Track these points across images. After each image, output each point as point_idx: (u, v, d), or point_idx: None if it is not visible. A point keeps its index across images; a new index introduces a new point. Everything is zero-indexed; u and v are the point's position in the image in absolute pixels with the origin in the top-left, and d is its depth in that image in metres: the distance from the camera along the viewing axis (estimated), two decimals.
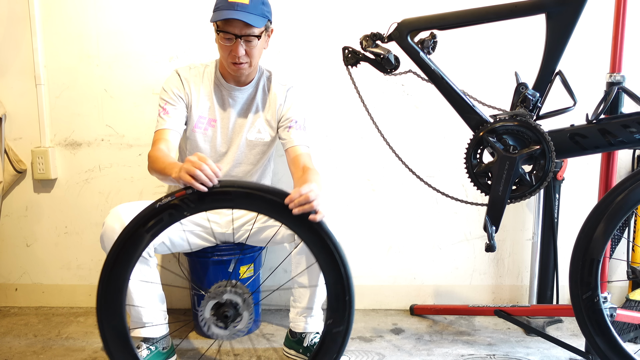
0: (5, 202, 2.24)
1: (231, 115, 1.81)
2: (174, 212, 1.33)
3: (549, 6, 1.45)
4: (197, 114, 1.79)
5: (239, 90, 1.80)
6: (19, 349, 1.90)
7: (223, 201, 1.37)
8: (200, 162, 1.32)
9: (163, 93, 1.77)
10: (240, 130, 1.82)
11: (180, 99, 1.76)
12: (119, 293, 1.35)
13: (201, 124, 1.80)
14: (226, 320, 1.37)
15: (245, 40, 1.65)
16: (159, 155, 1.60)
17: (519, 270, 2.24)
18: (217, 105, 1.80)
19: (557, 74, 1.50)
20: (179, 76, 1.78)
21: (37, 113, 2.18)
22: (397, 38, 1.53)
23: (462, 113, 1.54)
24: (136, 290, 1.62)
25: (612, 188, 1.48)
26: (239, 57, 1.66)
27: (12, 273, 2.31)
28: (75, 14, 2.13)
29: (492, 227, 1.52)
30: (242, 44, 1.65)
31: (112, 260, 1.33)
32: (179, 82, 1.77)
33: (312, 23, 2.11)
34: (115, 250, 1.33)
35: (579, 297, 1.47)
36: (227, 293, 1.38)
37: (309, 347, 1.75)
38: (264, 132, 1.84)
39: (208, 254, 1.90)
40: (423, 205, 2.20)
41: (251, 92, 1.82)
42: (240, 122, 1.82)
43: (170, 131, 1.71)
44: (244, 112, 1.82)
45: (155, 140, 1.70)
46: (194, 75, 1.79)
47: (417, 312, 2.20)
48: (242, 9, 1.61)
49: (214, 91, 1.80)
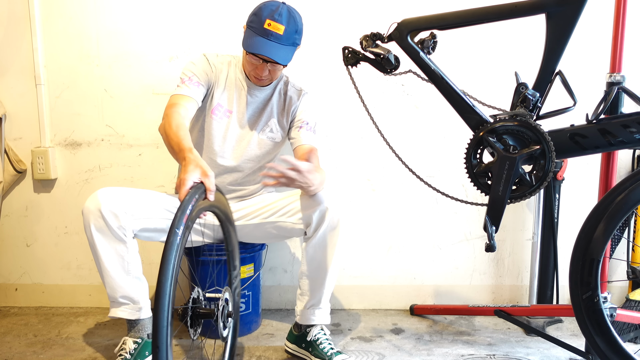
0: (5, 202, 2.24)
1: (247, 111, 1.83)
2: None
3: (549, 6, 1.45)
4: (216, 100, 1.80)
5: (258, 90, 1.83)
6: (19, 349, 1.90)
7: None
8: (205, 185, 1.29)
9: (190, 65, 1.76)
10: (253, 128, 1.84)
11: (207, 76, 1.77)
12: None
13: (218, 111, 1.81)
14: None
15: (271, 64, 1.70)
16: (176, 122, 1.55)
17: (519, 270, 2.24)
18: (236, 98, 1.82)
19: (557, 74, 1.50)
20: (207, 60, 1.79)
21: (37, 113, 2.18)
22: (397, 38, 1.53)
23: (462, 113, 1.54)
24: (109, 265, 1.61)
25: (612, 188, 1.48)
26: (263, 76, 1.73)
27: (12, 273, 2.31)
28: (75, 14, 2.13)
29: (492, 227, 1.52)
30: (268, 66, 1.70)
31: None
32: (208, 65, 1.78)
33: (312, 23, 2.11)
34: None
35: (579, 297, 1.47)
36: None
37: (312, 342, 1.75)
38: (277, 133, 1.87)
39: (208, 254, 1.90)
40: (423, 205, 2.20)
41: (269, 93, 1.85)
42: (254, 119, 1.84)
43: (190, 100, 1.69)
44: (259, 111, 1.85)
45: (174, 104, 1.65)
46: (221, 63, 1.81)
47: (417, 312, 2.20)
48: (276, 40, 1.64)
49: (235, 84, 1.82)
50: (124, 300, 1.66)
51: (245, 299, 1.98)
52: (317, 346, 1.74)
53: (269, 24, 1.63)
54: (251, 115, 1.84)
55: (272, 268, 2.21)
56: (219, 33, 2.11)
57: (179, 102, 1.66)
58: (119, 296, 1.65)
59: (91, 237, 1.60)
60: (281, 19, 1.64)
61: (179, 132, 1.51)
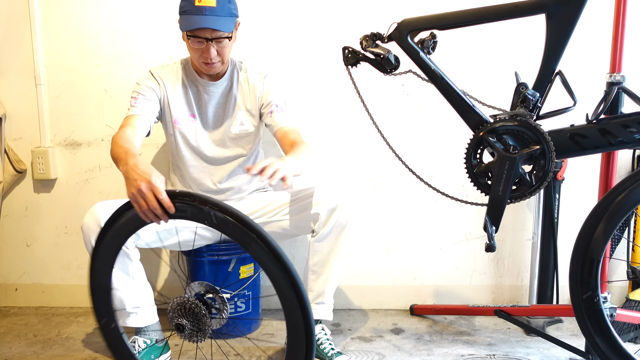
0: (5, 202, 2.24)
1: (209, 109, 1.81)
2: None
3: (549, 6, 1.45)
4: (175, 110, 1.79)
5: (213, 85, 1.80)
6: (19, 349, 1.90)
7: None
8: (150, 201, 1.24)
9: (135, 87, 1.76)
10: (222, 124, 1.83)
11: (153, 91, 1.76)
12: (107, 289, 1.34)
13: (181, 119, 1.80)
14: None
15: (217, 42, 1.66)
16: (119, 140, 1.52)
17: (519, 270, 2.24)
18: (194, 101, 1.81)
19: (557, 74, 1.50)
20: (152, 75, 1.79)
21: (37, 113, 2.18)
22: (397, 38, 1.53)
23: (462, 113, 1.54)
24: (117, 281, 1.62)
25: (612, 188, 1.48)
26: (211, 58, 1.68)
27: (12, 273, 2.31)
28: (75, 14, 2.13)
29: (492, 227, 1.52)
30: (214, 45, 1.66)
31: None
32: (153, 79, 1.78)
33: (312, 23, 2.11)
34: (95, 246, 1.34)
35: (579, 297, 1.47)
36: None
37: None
38: (247, 124, 1.84)
39: (207, 254, 1.90)
40: (423, 205, 2.20)
41: (226, 85, 1.82)
42: (219, 116, 1.83)
43: (139, 117, 1.68)
44: (222, 106, 1.83)
45: (122, 125, 1.67)
46: (168, 73, 1.80)
47: (417, 312, 2.20)
48: (211, 13, 1.61)
49: (189, 87, 1.80)
50: (132, 310, 1.67)
51: (245, 299, 1.98)
52: (317, 346, 1.74)
53: (199, 0, 1.61)
54: (214, 112, 1.82)
55: None
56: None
57: (126, 124, 1.66)
58: (127, 307, 1.66)
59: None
60: None
61: (123, 147, 1.46)
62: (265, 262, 1.22)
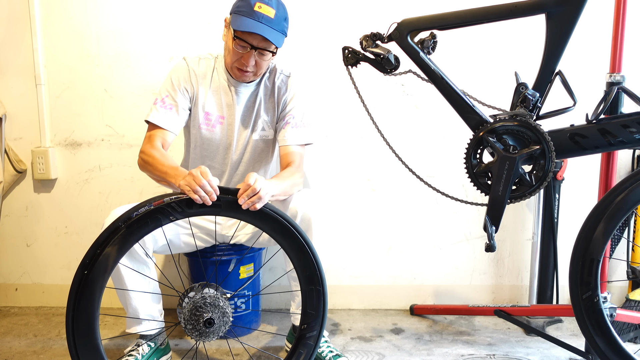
0: (5, 202, 2.24)
1: (236, 112, 1.77)
2: (160, 215, 1.34)
3: (549, 6, 1.45)
4: (204, 110, 1.75)
5: (244, 86, 1.75)
6: (19, 349, 1.90)
7: (211, 208, 1.38)
8: (201, 178, 1.35)
9: (168, 82, 1.72)
10: (246, 128, 1.79)
11: (186, 91, 1.72)
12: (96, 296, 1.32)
13: (209, 120, 1.77)
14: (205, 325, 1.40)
15: (260, 52, 1.62)
16: (159, 156, 1.59)
17: (519, 270, 2.24)
18: (224, 102, 1.76)
19: (557, 74, 1.50)
20: (187, 66, 1.74)
21: (37, 113, 2.18)
22: (397, 38, 1.53)
23: (462, 113, 1.54)
24: (134, 288, 1.63)
25: (612, 188, 1.48)
26: (248, 67, 1.64)
27: (12, 273, 2.31)
28: (75, 14, 2.13)
29: (492, 227, 1.52)
30: (255, 55, 1.63)
31: (89, 259, 1.31)
32: (187, 73, 1.73)
33: (312, 23, 2.11)
34: (94, 250, 1.32)
35: (579, 297, 1.47)
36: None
37: None
38: (268, 129, 1.81)
39: (208, 254, 1.90)
40: (423, 205, 2.20)
41: (255, 88, 1.78)
42: (246, 120, 1.79)
43: (168, 133, 1.68)
44: (249, 109, 1.79)
45: (152, 136, 1.66)
46: (203, 68, 1.75)
47: (417, 312, 2.20)
48: (267, 23, 1.57)
49: (221, 87, 1.76)
50: (146, 317, 1.67)
51: (245, 299, 1.98)
52: None
53: (259, 7, 1.56)
54: (242, 115, 1.78)
55: (272, 268, 2.21)
56: (219, 33, 2.11)
57: (156, 135, 1.67)
58: (141, 314, 1.66)
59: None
60: (271, 3, 1.59)
61: (165, 164, 1.55)
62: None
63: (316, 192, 2.15)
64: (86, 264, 1.31)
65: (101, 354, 1.34)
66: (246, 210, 1.38)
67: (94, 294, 1.32)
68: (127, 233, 1.33)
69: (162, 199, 1.35)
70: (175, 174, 1.47)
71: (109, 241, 1.32)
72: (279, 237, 1.41)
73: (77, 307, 1.31)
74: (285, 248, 1.42)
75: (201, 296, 1.39)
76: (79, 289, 1.31)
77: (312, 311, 1.42)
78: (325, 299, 1.43)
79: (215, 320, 1.38)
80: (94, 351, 1.33)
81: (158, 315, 1.72)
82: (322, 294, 1.42)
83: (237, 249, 1.91)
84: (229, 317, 1.42)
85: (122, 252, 1.34)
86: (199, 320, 1.38)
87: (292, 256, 1.42)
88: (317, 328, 1.43)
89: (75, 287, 1.31)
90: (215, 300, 1.40)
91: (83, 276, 1.31)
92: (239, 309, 1.97)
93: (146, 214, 1.33)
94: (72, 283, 1.32)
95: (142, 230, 1.35)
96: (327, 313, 1.45)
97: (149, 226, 1.35)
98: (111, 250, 1.32)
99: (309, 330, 1.43)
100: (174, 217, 1.36)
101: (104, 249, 1.31)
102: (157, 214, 1.34)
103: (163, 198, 1.36)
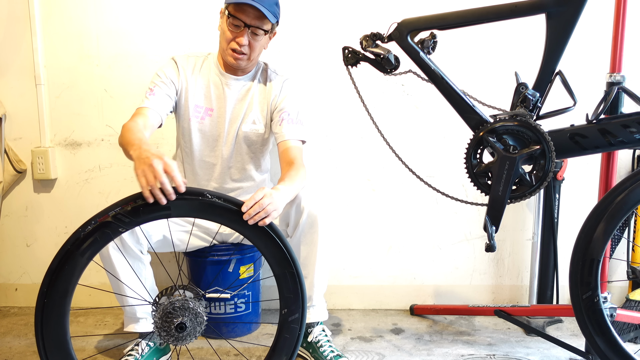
0: (5, 202, 2.24)
1: (227, 105, 1.79)
2: (108, 230, 1.30)
3: (549, 6, 1.45)
4: (192, 102, 1.78)
5: (235, 80, 1.79)
6: (19, 349, 1.90)
7: (160, 211, 1.31)
8: (161, 175, 1.26)
9: (155, 76, 1.75)
10: (236, 120, 1.81)
11: (172, 84, 1.74)
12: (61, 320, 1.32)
13: (197, 113, 1.79)
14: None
15: (253, 32, 1.66)
16: (131, 127, 1.53)
17: (519, 270, 2.24)
18: (215, 95, 1.79)
19: (557, 74, 1.50)
20: (175, 63, 1.78)
21: (37, 113, 2.18)
22: (397, 38, 1.53)
23: (462, 113, 1.54)
24: (131, 286, 1.62)
25: (612, 188, 1.48)
26: (242, 45, 1.66)
27: (12, 273, 2.31)
28: (75, 14, 2.13)
29: (492, 227, 1.52)
30: (249, 34, 1.66)
31: (46, 287, 1.30)
32: (175, 68, 1.76)
33: (312, 23, 2.11)
34: (48, 277, 1.30)
35: (579, 297, 1.47)
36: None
37: (312, 344, 1.75)
38: (259, 123, 1.82)
39: (207, 254, 1.90)
40: (423, 205, 2.20)
41: (247, 83, 1.81)
42: (236, 112, 1.81)
43: (150, 110, 1.66)
44: (239, 103, 1.81)
45: (134, 114, 1.66)
46: (192, 64, 1.79)
47: (417, 312, 2.20)
48: (259, 0, 1.61)
49: (211, 80, 1.79)
50: (142, 315, 1.67)
51: (245, 299, 1.98)
52: (317, 348, 1.74)
53: None
54: (232, 108, 1.80)
55: None
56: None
57: (138, 113, 1.65)
58: (138, 312, 1.66)
59: (108, 257, 1.59)
60: None
61: (133, 134, 1.47)
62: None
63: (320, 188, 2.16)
64: (44, 293, 1.30)
65: None
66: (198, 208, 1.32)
67: (60, 319, 1.31)
68: (78, 254, 1.30)
69: (107, 212, 1.30)
70: (138, 147, 1.35)
71: (63, 265, 1.30)
72: (240, 228, 1.37)
73: (45, 335, 1.31)
74: (248, 238, 1.39)
75: (169, 302, 1.36)
76: (42, 318, 1.30)
77: (290, 294, 1.40)
78: (301, 280, 1.40)
79: (187, 324, 1.35)
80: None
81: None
82: (297, 275, 1.39)
83: (237, 249, 1.91)
84: (203, 316, 1.37)
85: (78, 273, 1.33)
86: (170, 326, 1.35)
87: (257, 244, 1.38)
88: (298, 311, 1.40)
89: (38, 316, 1.30)
90: (184, 302, 1.36)
91: (44, 305, 1.30)
92: (239, 309, 1.97)
93: (93, 231, 1.30)
94: (35, 311, 1.30)
95: (93, 248, 1.31)
96: (305, 294, 1.41)
97: (99, 242, 1.31)
98: (66, 274, 1.31)
99: (290, 314, 1.40)
100: (123, 229, 1.32)
101: (59, 274, 1.30)
102: (105, 229, 1.30)
103: (108, 212, 1.31)
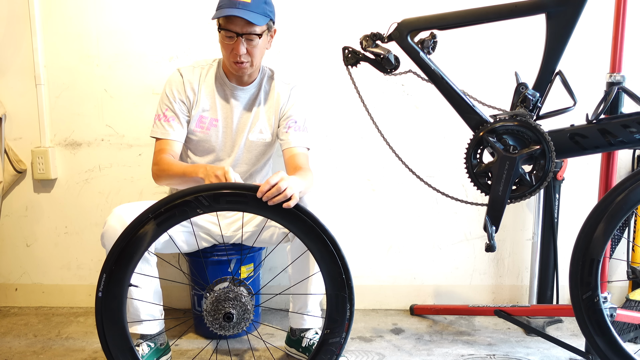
0: (5, 202, 2.24)
1: (234, 115, 1.80)
2: (187, 209, 1.37)
3: (549, 6, 1.45)
4: (198, 113, 1.79)
5: (241, 90, 1.80)
6: (19, 349, 1.90)
7: (239, 204, 1.40)
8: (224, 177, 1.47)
9: (164, 97, 1.77)
10: (243, 130, 1.82)
11: (182, 103, 1.77)
12: (123, 284, 1.37)
13: (203, 123, 1.79)
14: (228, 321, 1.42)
15: (247, 38, 1.66)
16: (172, 161, 1.68)
17: (519, 270, 2.24)
18: (220, 105, 1.80)
19: (557, 74, 1.50)
20: (181, 77, 1.78)
21: (37, 113, 2.18)
22: (397, 38, 1.53)
23: (462, 113, 1.54)
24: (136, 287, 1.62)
25: (612, 188, 1.48)
26: (240, 55, 1.67)
27: (12, 273, 2.31)
28: (75, 14, 2.13)
29: (492, 227, 1.52)
30: (244, 43, 1.66)
31: (120, 247, 1.36)
32: (181, 84, 1.77)
33: (312, 23, 2.11)
34: (123, 238, 1.36)
35: (579, 297, 1.47)
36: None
37: (308, 348, 1.75)
38: (266, 132, 1.83)
39: (208, 254, 1.90)
40: (423, 205, 2.20)
41: (254, 92, 1.82)
42: (243, 122, 1.82)
43: (176, 142, 1.75)
44: (246, 112, 1.82)
45: (161, 149, 1.73)
46: (197, 75, 1.79)
47: (417, 312, 2.20)
48: (244, 7, 1.62)
49: (216, 90, 1.79)
50: (147, 317, 1.67)
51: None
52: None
53: None
54: (239, 118, 1.81)
55: (272, 268, 2.21)
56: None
57: (165, 148, 1.74)
58: (142, 314, 1.66)
59: None
60: None
61: (181, 165, 1.66)
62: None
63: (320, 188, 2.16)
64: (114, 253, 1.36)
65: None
66: (275, 208, 1.38)
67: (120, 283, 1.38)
68: (155, 222, 1.37)
69: (192, 193, 1.38)
70: (196, 168, 1.57)
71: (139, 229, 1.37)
72: (307, 239, 1.40)
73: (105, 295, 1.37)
74: (312, 251, 1.41)
75: (224, 290, 1.42)
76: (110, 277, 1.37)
77: (337, 317, 1.40)
78: (352, 306, 1.40)
79: (235, 316, 1.41)
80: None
81: (158, 315, 1.72)
82: (349, 300, 1.40)
83: (238, 249, 1.91)
84: (250, 314, 1.44)
85: (150, 240, 1.39)
86: (218, 314, 1.41)
87: (319, 259, 1.41)
88: (340, 334, 1.40)
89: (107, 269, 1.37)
90: (238, 296, 1.42)
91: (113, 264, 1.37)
92: None
93: (173, 206, 1.37)
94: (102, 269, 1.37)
95: (169, 222, 1.38)
96: (352, 320, 1.41)
97: (176, 217, 1.38)
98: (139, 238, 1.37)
99: (331, 336, 1.40)
100: (200, 211, 1.38)
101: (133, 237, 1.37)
102: (184, 207, 1.37)
103: (193, 192, 1.38)
